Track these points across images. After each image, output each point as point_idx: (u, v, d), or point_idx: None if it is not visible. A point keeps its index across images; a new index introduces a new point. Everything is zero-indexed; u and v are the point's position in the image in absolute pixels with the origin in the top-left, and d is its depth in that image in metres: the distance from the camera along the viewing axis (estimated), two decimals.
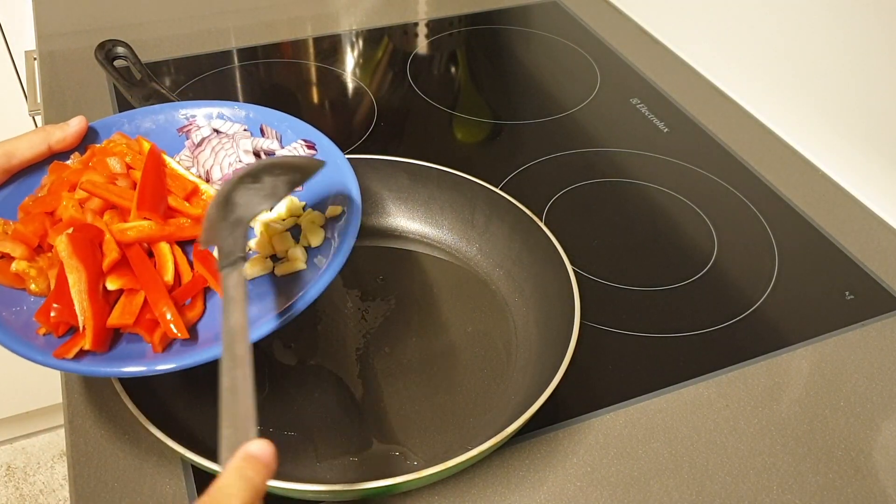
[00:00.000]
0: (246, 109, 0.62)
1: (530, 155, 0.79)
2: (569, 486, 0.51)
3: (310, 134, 0.60)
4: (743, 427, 0.55)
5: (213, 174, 0.58)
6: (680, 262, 0.68)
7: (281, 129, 0.61)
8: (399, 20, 1.02)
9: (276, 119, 0.62)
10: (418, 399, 0.54)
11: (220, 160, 0.58)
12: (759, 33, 0.85)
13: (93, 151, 0.56)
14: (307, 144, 0.59)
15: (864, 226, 0.73)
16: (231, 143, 0.59)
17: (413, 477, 0.43)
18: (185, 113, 0.62)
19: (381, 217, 0.67)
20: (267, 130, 0.61)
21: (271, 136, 0.61)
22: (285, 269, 0.52)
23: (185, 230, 0.52)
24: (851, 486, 0.51)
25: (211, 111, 0.62)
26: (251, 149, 0.58)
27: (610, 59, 0.96)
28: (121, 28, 0.96)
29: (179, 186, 0.54)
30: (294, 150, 0.59)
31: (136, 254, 0.49)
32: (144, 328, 0.46)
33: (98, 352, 0.45)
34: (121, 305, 0.46)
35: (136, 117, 0.61)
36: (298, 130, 0.61)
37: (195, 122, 0.61)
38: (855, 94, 0.75)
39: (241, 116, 0.62)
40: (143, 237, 0.50)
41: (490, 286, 0.62)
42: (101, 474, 0.50)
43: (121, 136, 0.58)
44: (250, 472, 0.33)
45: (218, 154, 0.58)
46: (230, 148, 0.58)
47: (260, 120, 0.62)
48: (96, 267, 0.47)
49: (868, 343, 0.61)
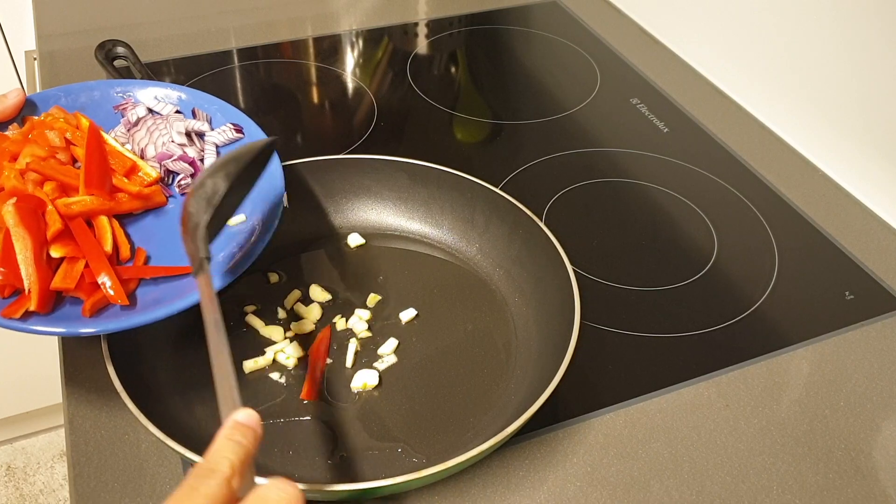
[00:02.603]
0: (179, 91, 0.66)
1: (530, 155, 0.79)
2: (569, 486, 0.51)
3: (238, 118, 0.64)
4: (743, 427, 0.55)
5: (148, 152, 0.62)
6: (680, 262, 0.68)
7: (211, 111, 0.66)
8: (399, 20, 1.02)
9: (207, 102, 0.66)
10: (418, 399, 0.54)
11: (154, 139, 0.62)
12: (759, 33, 0.85)
13: (32, 124, 0.60)
14: (235, 128, 0.64)
15: (864, 226, 0.73)
16: (165, 123, 0.63)
17: (413, 477, 0.43)
18: (121, 90, 0.66)
19: (381, 217, 0.67)
20: (198, 113, 0.65)
21: (202, 118, 0.65)
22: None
23: (124, 205, 0.57)
24: (851, 486, 0.51)
25: (146, 91, 0.66)
26: (184, 130, 0.63)
27: (610, 59, 0.96)
28: (121, 28, 0.96)
29: (119, 164, 0.59)
30: (223, 132, 0.64)
31: (78, 225, 0.53)
32: (85, 292, 0.50)
33: (42, 312, 0.49)
34: (63, 271, 0.50)
35: (73, 92, 0.65)
36: (228, 114, 0.65)
37: (131, 100, 0.65)
38: (855, 94, 0.75)
39: (174, 98, 0.66)
40: (86, 211, 0.54)
41: (490, 286, 0.62)
42: (101, 474, 0.50)
43: (58, 111, 0.62)
44: (238, 436, 0.36)
45: (153, 134, 0.62)
46: (164, 129, 0.63)
47: (192, 102, 0.66)
48: (41, 235, 0.51)
49: (868, 343, 0.61)
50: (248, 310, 0.59)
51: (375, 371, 0.55)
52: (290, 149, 0.80)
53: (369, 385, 0.54)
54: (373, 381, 0.54)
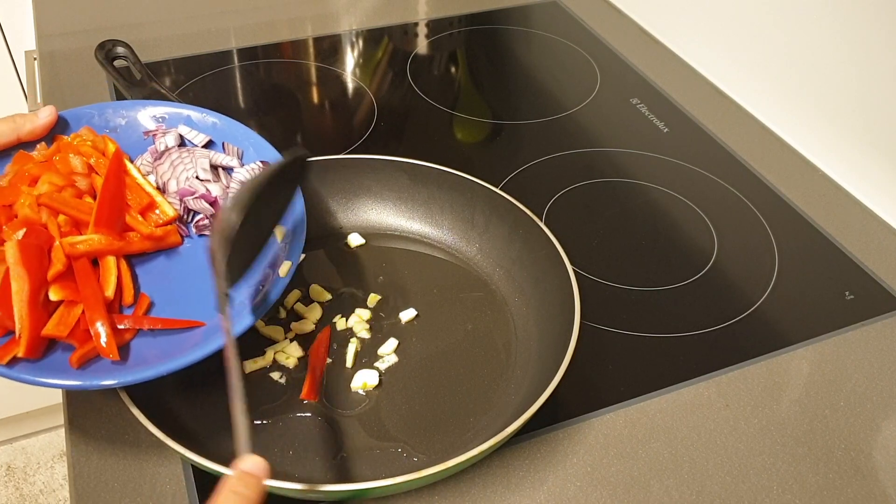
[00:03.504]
0: (214, 118, 0.63)
1: (530, 155, 0.79)
2: (569, 486, 0.51)
3: (271, 156, 0.60)
4: (743, 427, 0.55)
5: (170, 187, 0.58)
6: (680, 261, 0.68)
7: (244, 145, 0.62)
8: (399, 20, 1.02)
9: (241, 134, 0.62)
10: (418, 399, 0.54)
11: (177, 174, 0.58)
12: (759, 33, 0.85)
13: (58, 146, 0.57)
14: (265, 166, 0.59)
15: (864, 226, 0.73)
16: (190, 157, 0.59)
17: (413, 477, 0.43)
18: (155, 113, 0.63)
19: (381, 217, 0.67)
20: (228, 147, 0.61)
21: (232, 152, 0.61)
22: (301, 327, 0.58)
23: (134, 245, 0.54)
24: (851, 486, 0.51)
25: (181, 112, 0.63)
26: (208, 166, 0.59)
27: (610, 59, 0.96)
28: (121, 28, 0.96)
29: (136, 200, 0.55)
30: (251, 170, 0.60)
31: (82, 266, 0.50)
32: (78, 340, 0.47)
33: (30, 359, 0.46)
34: (58, 316, 0.47)
35: (107, 111, 0.62)
36: (260, 150, 0.61)
37: (161, 127, 0.62)
38: (855, 94, 0.75)
39: (209, 124, 0.62)
40: (92, 251, 0.51)
41: (490, 286, 0.62)
42: (101, 474, 0.50)
43: (88, 132, 0.59)
44: (242, 488, 0.37)
45: (176, 168, 0.59)
46: (189, 163, 0.59)
47: (225, 131, 0.62)
48: (41, 275, 0.48)
49: (868, 343, 0.61)
50: None
51: (375, 371, 0.55)
52: (290, 149, 0.79)
53: (369, 385, 0.54)
54: (373, 381, 0.54)
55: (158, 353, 0.49)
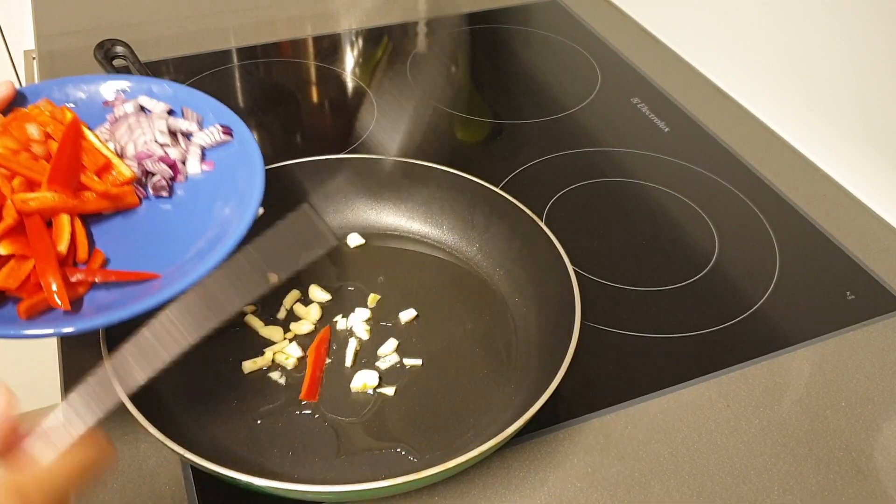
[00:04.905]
0: (174, 88, 0.64)
1: (530, 155, 0.79)
2: (569, 486, 0.51)
3: (231, 120, 0.62)
4: (744, 428, 0.55)
5: (128, 151, 0.59)
6: (681, 262, 0.68)
7: (203, 112, 0.63)
8: (399, 20, 1.02)
9: (201, 102, 0.63)
10: (418, 399, 0.54)
11: (135, 138, 0.59)
12: (759, 32, 0.84)
13: (14, 115, 0.57)
14: (224, 130, 0.61)
15: (865, 226, 0.73)
16: (148, 122, 0.60)
17: (413, 478, 0.43)
18: (117, 87, 0.64)
19: (382, 217, 0.67)
20: (187, 112, 0.63)
21: (191, 118, 0.62)
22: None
23: (89, 204, 0.54)
24: (853, 486, 0.51)
25: (142, 85, 0.64)
26: (167, 129, 0.60)
27: (610, 59, 0.96)
28: (120, 27, 0.96)
29: (92, 161, 0.56)
30: (210, 133, 0.61)
31: (35, 223, 0.50)
32: (27, 292, 0.48)
33: None
34: (8, 269, 0.48)
35: (67, 85, 0.63)
36: (221, 115, 0.62)
37: (121, 96, 0.63)
38: (856, 94, 0.75)
39: (169, 94, 0.64)
40: (44, 208, 0.51)
41: (490, 286, 0.62)
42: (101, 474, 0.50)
43: (46, 104, 0.59)
44: None
45: (134, 132, 0.60)
46: (147, 127, 0.60)
47: (185, 100, 0.64)
48: None
49: (869, 343, 0.61)
50: (248, 310, 0.59)
51: (375, 371, 0.55)
52: (289, 148, 0.79)
53: (369, 385, 0.54)
54: (372, 382, 0.54)
55: (114, 302, 0.49)
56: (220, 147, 0.61)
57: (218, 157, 0.60)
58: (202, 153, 0.61)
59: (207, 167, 0.60)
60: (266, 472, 0.48)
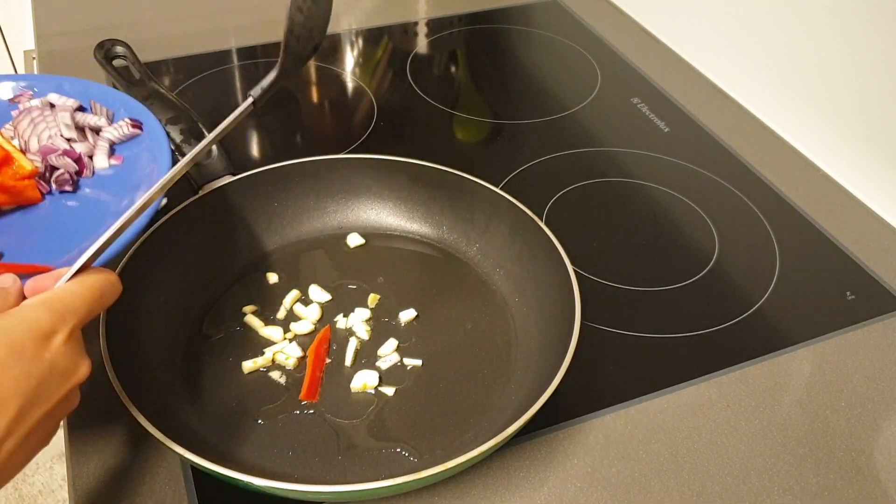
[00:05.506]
0: (86, 85, 0.65)
1: (530, 155, 0.79)
2: (569, 486, 0.51)
3: (140, 114, 0.62)
4: (744, 428, 0.55)
5: (31, 145, 0.59)
6: (681, 262, 0.68)
7: (114, 107, 0.63)
8: (399, 19, 1.02)
9: (112, 97, 0.64)
10: (418, 399, 0.54)
11: (38, 132, 0.59)
12: (759, 32, 0.84)
13: None
14: (132, 123, 0.61)
15: (865, 226, 0.73)
16: (52, 115, 0.60)
17: (413, 478, 0.43)
18: (23, 84, 0.65)
19: (381, 217, 0.67)
20: (95, 107, 0.63)
21: (101, 112, 0.63)
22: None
23: None
24: (853, 486, 0.51)
25: (49, 84, 0.65)
26: (71, 122, 0.60)
27: (610, 59, 0.96)
28: (120, 27, 0.96)
29: None
30: (119, 127, 0.61)
31: None
32: None
33: None
34: None
35: None
36: (130, 109, 0.63)
37: (28, 93, 0.64)
38: (856, 94, 0.75)
39: (80, 91, 0.64)
40: None
41: (490, 286, 0.62)
42: (101, 474, 0.50)
43: None
44: None
45: (37, 126, 0.60)
46: (51, 121, 0.60)
47: (97, 97, 0.64)
48: None
49: (869, 343, 0.61)
50: (248, 310, 0.59)
51: (375, 371, 0.55)
52: (289, 148, 0.79)
53: (369, 385, 0.54)
54: (373, 382, 0.54)
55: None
56: (129, 141, 0.61)
57: (130, 152, 0.61)
58: (111, 148, 0.61)
59: (116, 162, 0.60)
60: (266, 472, 0.48)
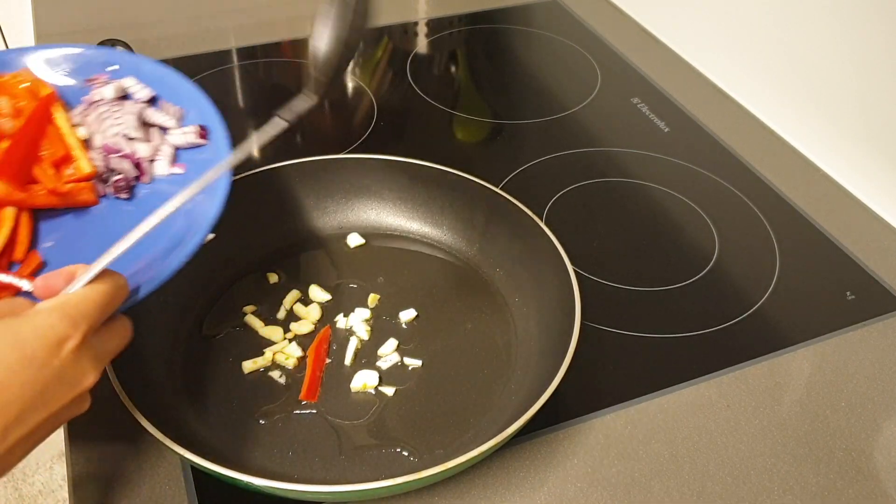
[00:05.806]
0: (164, 71, 0.59)
1: (530, 155, 0.79)
2: (569, 486, 0.51)
3: (211, 121, 0.55)
4: (744, 428, 0.55)
5: (95, 141, 0.55)
6: (681, 262, 0.68)
7: (187, 107, 0.57)
8: (399, 19, 1.02)
9: (187, 96, 0.58)
10: (418, 399, 0.54)
11: (104, 129, 0.55)
12: (760, 33, 0.84)
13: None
14: (200, 132, 0.55)
15: (865, 226, 0.73)
16: (120, 112, 0.55)
17: (413, 478, 0.43)
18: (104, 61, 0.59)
19: (382, 217, 0.67)
20: (166, 106, 0.57)
21: (171, 112, 0.57)
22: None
23: (38, 199, 0.50)
24: (853, 486, 0.51)
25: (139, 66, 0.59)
26: (139, 122, 0.55)
27: (610, 59, 0.96)
28: (120, 28, 0.96)
29: (52, 150, 0.52)
30: (186, 133, 0.55)
31: None
32: None
33: None
34: None
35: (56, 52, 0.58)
36: (203, 115, 0.56)
37: (102, 77, 0.58)
38: (856, 94, 0.75)
39: (157, 77, 0.58)
40: None
41: (490, 286, 0.62)
42: (101, 474, 0.50)
43: (27, 73, 0.56)
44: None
45: (104, 122, 0.55)
46: (118, 117, 0.55)
47: (172, 89, 0.58)
48: None
49: (869, 343, 0.61)
50: (248, 310, 0.59)
51: (375, 371, 0.55)
52: (289, 148, 0.79)
53: (369, 385, 0.54)
54: (372, 382, 0.54)
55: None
56: (192, 150, 0.55)
57: (192, 160, 0.55)
58: (174, 153, 0.55)
59: (179, 170, 0.54)
60: (266, 472, 0.48)
